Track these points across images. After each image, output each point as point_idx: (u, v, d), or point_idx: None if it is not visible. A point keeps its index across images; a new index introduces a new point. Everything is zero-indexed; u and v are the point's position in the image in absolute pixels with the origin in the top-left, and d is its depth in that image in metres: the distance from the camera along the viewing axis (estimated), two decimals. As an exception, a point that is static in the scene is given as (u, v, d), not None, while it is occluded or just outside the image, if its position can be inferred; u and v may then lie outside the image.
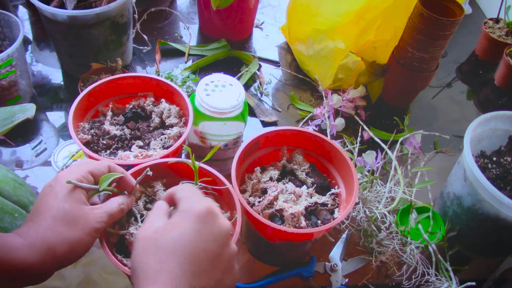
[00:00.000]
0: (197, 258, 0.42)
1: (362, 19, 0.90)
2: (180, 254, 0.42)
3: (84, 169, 0.51)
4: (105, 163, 0.54)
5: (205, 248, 0.43)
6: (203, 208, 0.45)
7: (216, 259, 0.44)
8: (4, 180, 0.61)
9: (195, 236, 0.43)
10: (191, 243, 0.43)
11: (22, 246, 0.44)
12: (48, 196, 0.48)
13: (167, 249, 0.42)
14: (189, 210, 0.45)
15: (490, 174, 0.77)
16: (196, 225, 0.44)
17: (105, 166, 0.53)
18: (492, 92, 1.07)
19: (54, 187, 0.49)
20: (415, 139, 0.90)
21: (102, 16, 0.85)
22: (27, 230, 0.46)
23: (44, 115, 0.93)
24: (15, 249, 0.44)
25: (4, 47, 0.89)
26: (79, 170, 0.51)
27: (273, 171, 0.71)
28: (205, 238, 0.43)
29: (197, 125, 0.74)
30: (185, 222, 0.44)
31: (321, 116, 0.93)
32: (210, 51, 1.09)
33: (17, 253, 0.44)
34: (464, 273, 0.78)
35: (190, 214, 0.44)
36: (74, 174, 0.50)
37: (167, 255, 0.42)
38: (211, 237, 0.44)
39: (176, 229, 0.44)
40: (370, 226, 0.74)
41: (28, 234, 0.46)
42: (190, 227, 0.44)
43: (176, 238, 0.43)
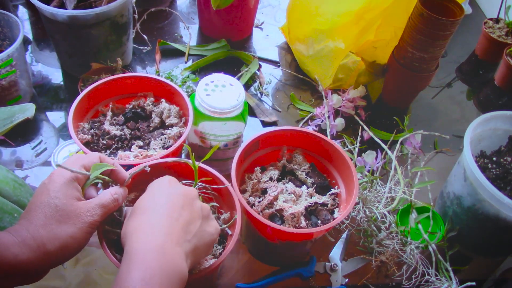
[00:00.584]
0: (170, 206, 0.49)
1: (362, 19, 0.90)
2: (155, 207, 0.49)
3: (77, 165, 0.52)
4: (96, 155, 0.54)
5: (176, 200, 0.50)
6: (165, 177, 0.54)
7: (191, 208, 0.50)
8: (4, 180, 0.61)
9: (164, 193, 0.51)
10: (162, 197, 0.50)
11: (13, 244, 0.44)
12: (41, 193, 0.49)
13: (143, 207, 0.50)
14: (155, 181, 0.54)
15: (490, 174, 0.77)
16: (162, 187, 0.52)
17: (96, 157, 0.54)
18: (492, 92, 1.07)
19: (48, 185, 0.49)
20: (415, 139, 0.90)
21: (102, 16, 0.85)
22: (19, 227, 0.46)
23: (44, 115, 0.93)
24: (5, 247, 0.44)
25: (4, 47, 0.89)
26: (72, 165, 0.51)
27: (273, 171, 0.71)
28: (174, 194, 0.51)
29: (197, 125, 0.74)
30: (154, 188, 0.52)
31: (321, 116, 0.93)
32: (210, 51, 1.09)
33: (8, 251, 0.44)
34: (464, 273, 0.78)
35: (156, 182, 0.53)
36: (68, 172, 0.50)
37: (144, 210, 0.49)
38: (179, 193, 0.51)
39: (148, 193, 0.52)
40: (370, 226, 0.74)
41: (19, 231, 0.46)
42: (158, 189, 0.52)
43: (149, 199, 0.51)
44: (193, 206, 0.51)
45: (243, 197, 0.66)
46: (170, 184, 0.52)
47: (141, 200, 0.51)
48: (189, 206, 0.51)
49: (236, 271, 0.74)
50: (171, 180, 0.53)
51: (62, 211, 0.47)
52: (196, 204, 0.52)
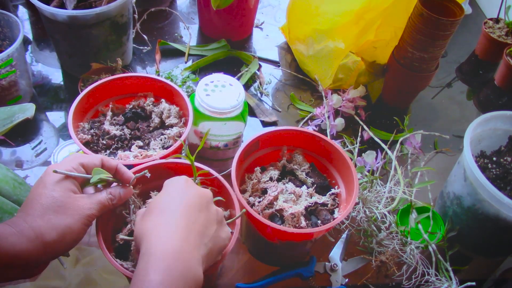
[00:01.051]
0: (188, 208, 0.48)
1: (362, 19, 0.90)
2: (173, 208, 0.48)
3: (75, 161, 0.52)
4: (98, 156, 0.54)
5: (193, 202, 0.49)
6: (182, 177, 0.53)
7: (206, 210, 0.50)
8: (4, 179, 0.61)
9: (181, 194, 0.50)
10: (179, 198, 0.49)
11: (11, 234, 0.44)
12: (37, 187, 0.49)
13: (160, 207, 0.48)
14: (171, 180, 0.52)
15: (490, 174, 0.77)
16: (179, 187, 0.51)
17: (97, 159, 0.54)
18: (492, 92, 1.07)
19: (44, 178, 0.50)
20: (415, 139, 0.90)
21: (102, 16, 0.85)
22: (17, 219, 0.46)
23: (44, 115, 0.93)
24: (3, 237, 0.44)
25: (4, 47, 0.89)
26: (71, 162, 0.52)
27: (273, 171, 0.71)
28: (190, 195, 0.50)
29: (197, 125, 0.74)
30: (169, 188, 0.51)
31: (321, 116, 0.93)
32: (210, 51, 1.09)
33: (6, 241, 0.44)
34: (464, 273, 0.78)
35: (172, 182, 0.52)
36: (65, 165, 0.51)
37: (161, 211, 0.48)
38: (196, 194, 0.50)
39: (164, 193, 0.51)
40: (370, 226, 0.74)
41: (17, 223, 0.46)
42: (174, 189, 0.51)
43: (166, 199, 0.49)
44: (209, 209, 0.51)
45: (243, 197, 0.66)
46: (187, 184, 0.51)
47: (157, 200, 0.50)
48: (206, 209, 0.50)
49: (236, 271, 0.74)
50: (187, 180, 0.52)
51: (60, 202, 0.48)
52: (212, 207, 0.51)
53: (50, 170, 0.50)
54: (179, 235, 0.45)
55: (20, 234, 0.45)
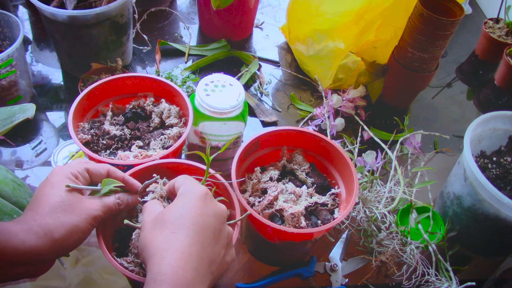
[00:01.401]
0: (202, 231, 0.46)
1: (362, 19, 0.90)
2: (188, 227, 0.45)
3: (81, 166, 0.52)
4: (105, 166, 0.55)
5: (208, 223, 0.47)
6: (202, 190, 0.49)
7: (219, 235, 0.48)
8: (4, 181, 0.61)
9: (199, 212, 0.47)
10: (196, 217, 0.46)
11: (20, 231, 0.45)
12: (45, 187, 0.50)
13: (175, 223, 0.46)
14: (190, 191, 0.49)
15: (490, 174, 0.77)
16: (197, 203, 0.48)
17: (104, 168, 0.54)
18: (492, 92, 1.07)
19: (51, 178, 0.50)
20: (415, 139, 0.90)
21: (102, 16, 0.85)
22: (25, 217, 0.47)
23: (44, 115, 0.93)
24: (13, 234, 0.45)
25: (4, 47, 0.89)
26: (76, 166, 0.52)
27: (273, 171, 0.71)
28: (207, 214, 0.47)
29: (197, 125, 0.74)
30: (187, 201, 0.48)
31: (321, 116, 0.93)
32: (210, 51, 1.09)
33: (16, 237, 0.45)
34: (464, 273, 0.78)
35: (191, 194, 0.49)
36: (71, 169, 0.52)
37: (176, 228, 0.45)
38: (212, 214, 0.48)
39: (181, 207, 0.47)
40: (370, 226, 0.74)
41: (26, 220, 0.47)
42: (193, 204, 0.47)
43: (182, 214, 0.46)
44: (222, 232, 0.48)
45: (243, 197, 0.66)
46: (205, 199, 0.48)
47: (172, 212, 0.47)
48: (219, 233, 0.48)
49: (236, 271, 0.74)
50: (207, 194, 0.49)
51: (68, 201, 0.49)
52: (224, 229, 0.49)
53: (56, 171, 0.51)
54: (191, 265, 0.43)
55: (29, 231, 0.46)
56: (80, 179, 0.52)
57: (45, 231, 0.46)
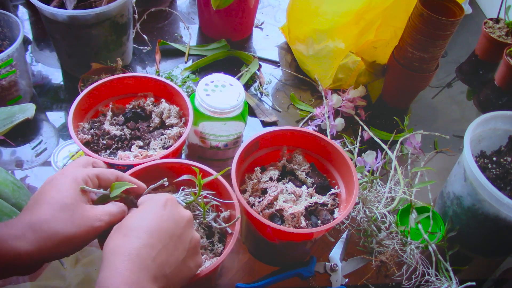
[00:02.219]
0: (156, 234, 0.46)
1: (362, 19, 0.90)
2: (141, 230, 0.46)
3: (92, 172, 0.51)
4: (115, 172, 0.53)
5: (166, 227, 0.47)
6: (163, 197, 0.50)
7: (178, 239, 0.48)
8: (4, 182, 0.61)
9: (156, 217, 0.47)
10: (151, 222, 0.47)
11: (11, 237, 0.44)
12: (51, 189, 0.48)
13: (129, 228, 0.46)
14: (151, 198, 0.50)
15: (490, 174, 0.77)
16: (156, 209, 0.48)
17: (113, 174, 0.53)
18: (492, 92, 1.07)
19: (60, 179, 0.49)
20: (415, 139, 0.90)
21: (102, 16, 0.85)
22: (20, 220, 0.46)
23: (44, 115, 0.93)
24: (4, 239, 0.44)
25: (4, 47, 0.89)
26: (88, 171, 0.51)
27: (273, 171, 0.71)
28: (165, 218, 0.48)
29: (197, 125, 0.74)
30: (147, 207, 0.49)
31: (321, 116, 0.93)
32: (210, 51, 1.09)
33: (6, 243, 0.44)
34: (464, 273, 0.78)
35: (152, 201, 0.50)
36: (82, 174, 0.50)
37: (128, 232, 0.46)
38: (171, 218, 0.48)
39: (139, 213, 0.49)
40: (370, 226, 0.74)
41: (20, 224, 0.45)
42: (151, 210, 0.48)
43: (137, 220, 0.47)
44: (182, 236, 0.48)
45: (243, 197, 0.66)
46: (166, 206, 0.49)
47: (128, 218, 0.48)
48: (178, 236, 0.48)
49: (236, 271, 0.74)
50: (168, 201, 0.50)
51: (70, 211, 0.47)
52: (186, 234, 0.49)
53: (67, 173, 0.49)
54: (138, 266, 0.43)
55: (21, 236, 0.44)
56: (89, 185, 0.50)
57: (38, 238, 0.45)
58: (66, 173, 0.50)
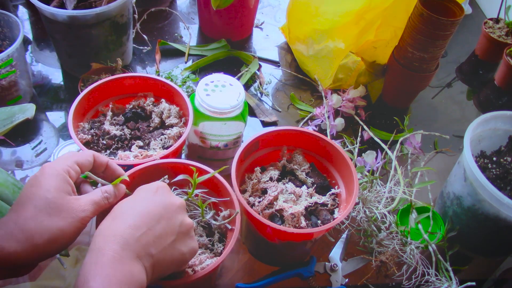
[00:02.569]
0: (143, 217, 0.47)
1: (362, 19, 0.90)
2: (128, 214, 0.47)
3: (70, 160, 0.51)
4: (90, 153, 0.54)
5: (154, 211, 0.48)
6: (156, 184, 0.52)
7: (166, 222, 0.49)
8: (4, 184, 0.61)
9: (145, 201, 0.49)
10: (140, 205, 0.49)
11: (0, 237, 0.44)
12: (31, 186, 0.48)
13: (118, 212, 0.48)
14: (144, 187, 0.52)
15: (490, 174, 0.77)
16: (147, 194, 0.50)
17: (89, 155, 0.53)
18: (492, 92, 1.07)
19: (40, 177, 0.48)
20: (415, 139, 0.90)
21: (102, 16, 0.85)
22: (7, 220, 0.46)
23: (44, 115, 0.93)
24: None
25: (4, 47, 0.89)
26: (66, 161, 0.51)
27: (273, 171, 0.71)
28: (155, 203, 0.49)
29: (197, 125, 0.74)
30: (138, 193, 0.51)
31: (321, 116, 0.93)
32: (210, 51, 1.09)
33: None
34: (464, 273, 0.78)
35: (144, 189, 0.52)
36: (61, 165, 0.50)
37: (117, 216, 0.48)
38: (160, 204, 0.49)
39: (130, 198, 0.50)
40: (370, 226, 0.74)
41: (7, 223, 0.45)
42: (141, 196, 0.50)
43: (127, 204, 0.49)
44: (171, 220, 0.49)
45: (243, 197, 0.66)
46: (157, 191, 0.51)
47: (120, 204, 0.50)
48: (166, 220, 0.49)
49: (236, 271, 0.74)
50: (159, 188, 0.51)
51: (53, 204, 0.47)
52: (176, 218, 0.50)
53: (45, 170, 0.49)
54: (121, 245, 0.44)
55: (9, 236, 0.44)
56: (72, 173, 0.50)
57: (27, 236, 0.44)
58: (45, 169, 0.49)
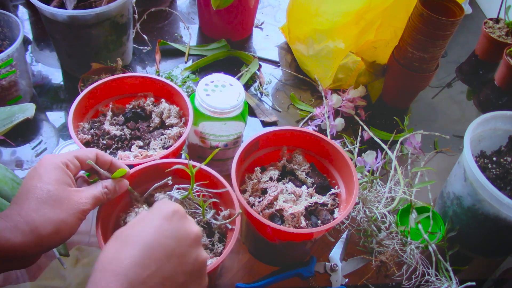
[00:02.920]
0: (152, 252, 0.41)
1: (362, 19, 0.90)
2: (133, 246, 0.41)
3: (70, 154, 0.52)
4: (93, 150, 0.54)
5: (165, 244, 0.42)
6: (170, 208, 0.45)
7: (178, 260, 0.42)
8: (3, 179, 0.61)
9: (156, 231, 0.43)
10: (150, 236, 0.42)
11: (4, 228, 0.44)
12: (32, 178, 0.48)
13: (125, 241, 0.42)
14: (157, 208, 0.45)
15: (490, 174, 0.77)
16: (159, 221, 0.43)
17: (92, 153, 0.54)
18: (492, 92, 1.07)
19: (39, 169, 0.49)
20: (415, 139, 0.90)
21: (102, 16, 0.85)
22: (10, 212, 0.46)
23: (44, 115, 0.93)
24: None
25: (4, 47, 0.89)
26: (65, 155, 0.51)
27: (273, 171, 0.71)
28: (166, 235, 0.43)
29: (197, 125, 0.74)
30: (150, 218, 0.44)
31: (321, 116, 0.93)
32: (210, 51, 1.09)
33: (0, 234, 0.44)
34: (464, 273, 0.78)
35: (157, 211, 0.45)
36: (60, 157, 0.50)
37: (124, 246, 0.41)
38: (173, 235, 0.43)
39: (140, 223, 0.44)
40: (370, 226, 0.74)
41: (11, 216, 0.45)
42: (153, 223, 0.43)
43: (137, 231, 0.43)
44: (184, 257, 0.43)
45: (243, 197, 0.66)
46: (172, 219, 0.44)
47: (130, 227, 0.44)
48: (178, 257, 0.42)
49: (236, 271, 0.74)
50: (175, 213, 0.45)
51: (55, 196, 0.47)
52: (189, 254, 0.44)
53: (45, 162, 0.49)
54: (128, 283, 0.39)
55: (15, 228, 0.45)
56: (70, 167, 0.51)
57: (31, 228, 0.45)
58: (43, 161, 0.50)
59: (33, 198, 0.47)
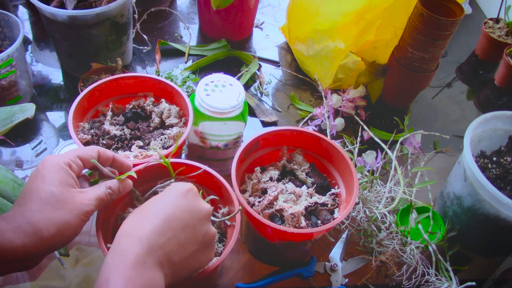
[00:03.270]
0: (169, 222, 0.47)
1: (362, 19, 0.90)
2: (154, 217, 0.47)
3: (72, 154, 0.51)
4: (95, 148, 0.54)
5: (180, 217, 0.48)
6: (185, 186, 0.50)
7: (191, 231, 0.48)
8: (4, 180, 0.61)
9: (172, 206, 0.48)
10: (167, 210, 0.48)
11: (7, 230, 0.44)
12: (35, 179, 0.48)
13: (144, 213, 0.48)
14: (172, 188, 0.51)
15: (490, 174, 0.77)
16: (175, 198, 0.49)
17: (94, 151, 0.53)
18: (492, 92, 1.07)
19: (42, 170, 0.49)
20: (415, 139, 0.90)
21: (102, 16, 0.85)
22: (13, 214, 0.46)
23: (44, 115, 0.93)
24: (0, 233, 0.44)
25: (4, 47, 0.89)
26: (67, 154, 0.51)
27: (273, 171, 0.71)
28: (181, 209, 0.48)
29: (197, 125, 0.74)
30: (166, 195, 0.50)
31: (321, 116, 0.93)
32: (210, 51, 1.09)
33: (3, 237, 0.43)
34: (464, 273, 0.78)
35: (172, 190, 0.50)
36: (62, 158, 0.50)
37: (144, 217, 0.47)
38: (187, 210, 0.48)
39: (158, 200, 0.50)
40: (370, 226, 0.74)
41: (14, 218, 0.45)
42: (169, 199, 0.49)
43: (154, 207, 0.48)
44: (196, 229, 0.49)
45: (243, 197, 0.66)
46: (186, 195, 0.50)
47: (148, 202, 0.49)
48: (192, 228, 0.48)
49: (236, 271, 0.74)
50: (189, 191, 0.50)
51: (58, 197, 0.47)
52: (201, 227, 0.49)
53: (47, 163, 0.49)
54: (144, 250, 0.44)
55: (18, 229, 0.44)
56: (73, 167, 0.50)
57: (34, 229, 0.45)
58: (46, 161, 0.50)
59: (36, 199, 0.46)
